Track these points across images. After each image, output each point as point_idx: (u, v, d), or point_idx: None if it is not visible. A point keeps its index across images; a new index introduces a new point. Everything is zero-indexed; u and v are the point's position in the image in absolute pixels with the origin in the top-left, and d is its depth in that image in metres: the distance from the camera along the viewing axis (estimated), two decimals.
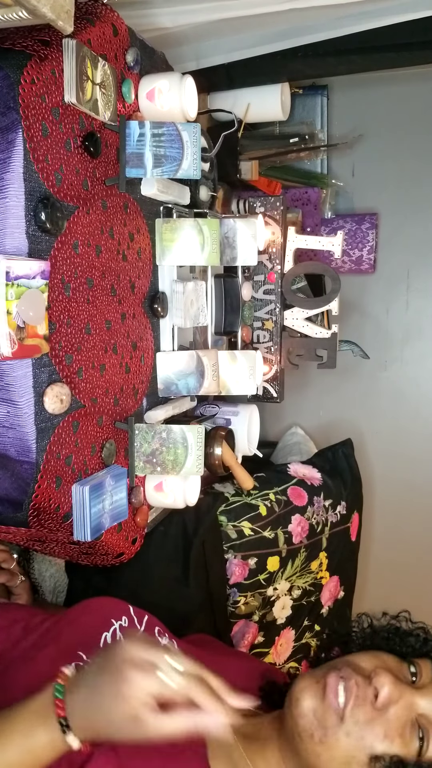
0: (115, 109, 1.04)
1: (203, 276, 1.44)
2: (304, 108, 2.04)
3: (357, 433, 2.07)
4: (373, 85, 2.06)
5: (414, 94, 2.05)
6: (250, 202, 1.72)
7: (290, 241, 1.69)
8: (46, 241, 0.91)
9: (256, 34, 1.41)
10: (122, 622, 0.88)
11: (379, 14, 1.32)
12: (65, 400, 0.95)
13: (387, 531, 2.22)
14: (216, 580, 1.41)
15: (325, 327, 1.73)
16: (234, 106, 1.70)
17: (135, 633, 0.80)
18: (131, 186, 1.15)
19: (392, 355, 2.21)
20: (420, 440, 2.21)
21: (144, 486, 1.23)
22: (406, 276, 2.16)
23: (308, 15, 1.30)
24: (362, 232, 2.12)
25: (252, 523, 1.49)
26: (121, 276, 1.13)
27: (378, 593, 2.10)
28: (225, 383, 1.44)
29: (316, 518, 1.62)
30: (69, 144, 0.95)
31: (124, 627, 0.88)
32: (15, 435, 0.91)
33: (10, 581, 1.15)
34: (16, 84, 0.83)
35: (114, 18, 1.04)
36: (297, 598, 1.59)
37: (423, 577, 2.17)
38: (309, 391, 2.25)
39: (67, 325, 0.97)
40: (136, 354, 1.19)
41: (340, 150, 2.08)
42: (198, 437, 1.15)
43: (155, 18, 1.23)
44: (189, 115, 1.17)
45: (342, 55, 1.51)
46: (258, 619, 1.52)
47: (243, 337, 1.65)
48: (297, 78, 1.86)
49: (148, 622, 0.92)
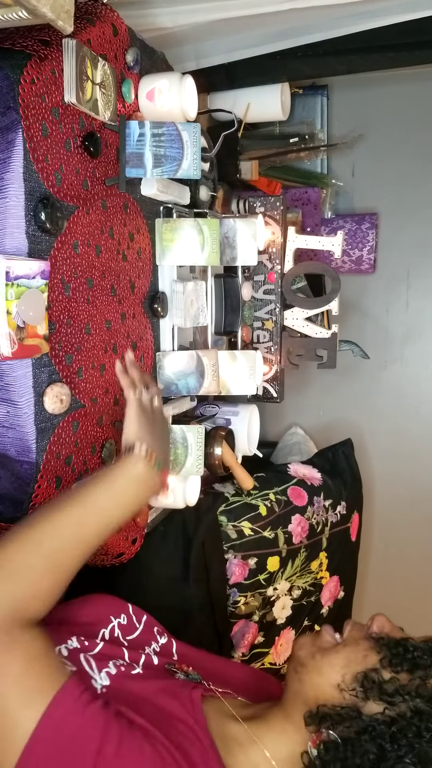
0: (115, 109, 1.04)
1: (203, 276, 1.44)
2: (304, 108, 2.04)
3: (357, 433, 2.07)
4: (373, 85, 2.06)
5: (414, 94, 2.05)
6: (250, 202, 1.72)
7: (290, 241, 1.69)
8: (46, 241, 0.91)
9: (256, 34, 1.41)
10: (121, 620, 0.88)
11: (379, 14, 1.32)
12: (65, 400, 0.95)
13: (387, 531, 2.22)
14: (216, 580, 1.41)
15: (325, 327, 1.73)
16: (234, 106, 1.70)
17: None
18: (131, 186, 1.15)
19: (392, 355, 2.21)
20: (420, 440, 2.21)
21: None
22: (406, 276, 2.16)
23: (308, 15, 1.30)
24: (362, 232, 2.12)
25: (252, 523, 1.49)
26: (121, 276, 1.13)
27: (378, 593, 2.10)
28: (225, 383, 1.44)
29: (316, 518, 1.62)
30: (69, 144, 0.95)
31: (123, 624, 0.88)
32: (15, 435, 0.91)
33: None
34: (16, 84, 0.83)
35: (114, 18, 1.04)
36: (297, 598, 1.59)
37: (423, 577, 2.17)
38: (309, 391, 2.25)
39: (67, 325, 0.97)
40: (136, 354, 1.19)
41: (340, 150, 2.09)
42: (198, 437, 1.15)
43: (155, 18, 1.23)
44: (189, 115, 1.17)
45: (342, 55, 1.51)
46: (258, 619, 1.52)
47: (243, 337, 1.65)
48: (297, 78, 1.86)
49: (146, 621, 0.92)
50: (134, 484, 0.86)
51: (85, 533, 0.79)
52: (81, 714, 0.65)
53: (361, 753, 0.66)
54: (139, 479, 0.87)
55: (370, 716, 0.68)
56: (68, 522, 0.78)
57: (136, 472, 0.87)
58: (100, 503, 0.82)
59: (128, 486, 0.86)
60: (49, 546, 0.75)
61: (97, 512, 0.81)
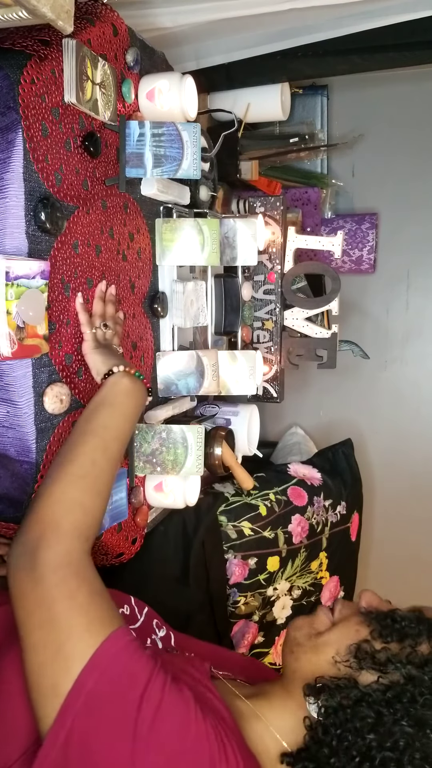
0: (115, 109, 1.04)
1: (203, 276, 1.44)
2: (304, 108, 2.04)
3: (357, 433, 2.07)
4: (373, 85, 2.06)
5: (414, 94, 2.05)
6: (250, 202, 1.72)
7: (290, 241, 1.69)
8: (46, 241, 0.91)
9: (256, 34, 1.41)
10: (124, 610, 0.89)
11: (379, 14, 1.32)
12: (65, 400, 0.95)
13: (387, 531, 2.22)
14: (216, 580, 1.41)
15: (325, 327, 1.73)
16: (234, 106, 1.70)
17: None
18: (131, 186, 1.15)
19: (392, 355, 2.21)
20: (420, 440, 2.21)
21: (144, 486, 1.23)
22: (406, 276, 2.16)
23: (308, 15, 1.30)
24: (362, 232, 2.12)
25: (252, 523, 1.49)
26: (121, 276, 1.13)
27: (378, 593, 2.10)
28: (225, 383, 1.44)
29: (316, 518, 1.62)
30: (69, 144, 0.95)
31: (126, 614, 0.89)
32: (15, 435, 0.91)
33: None
34: (16, 84, 0.83)
35: (114, 18, 1.04)
36: (297, 598, 1.59)
37: (423, 577, 2.17)
38: (309, 391, 2.25)
39: (67, 325, 0.97)
40: (136, 354, 1.19)
41: (340, 150, 2.09)
42: (198, 437, 1.15)
43: (155, 18, 1.23)
44: (189, 115, 1.17)
45: (342, 55, 1.51)
46: (258, 619, 1.52)
47: (243, 337, 1.65)
48: (297, 78, 1.86)
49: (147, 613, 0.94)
50: (130, 396, 0.94)
51: (113, 454, 0.87)
52: (131, 655, 0.68)
53: (360, 717, 0.68)
54: (129, 391, 0.94)
55: (365, 685, 0.71)
56: (95, 451, 0.84)
57: (125, 386, 0.94)
58: (112, 425, 0.88)
59: (127, 400, 0.93)
60: (90, 476, 0.82)
61: (114, 432, 0.88)
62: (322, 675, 0.74)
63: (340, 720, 0.69)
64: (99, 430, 0.87)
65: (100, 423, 0.88)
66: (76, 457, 0.83)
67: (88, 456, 0.83)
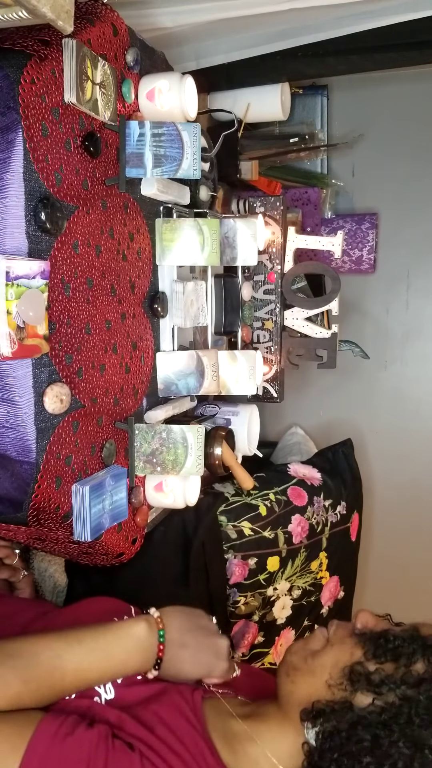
0: (115, 109, 1.04)
1: (203, 276, 1.44)
2: (304, 108, 2.04)
3: (357, 433, 2.07)
4: (373, 85, 2.06)
5: (414, 94, 2.05)
6: (250, 202, 1.72)
7: (290, 241, 1.69)
8: (46, 241, 0.91)
9: (256, 34, 1.41)
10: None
11: (379, 14, 1.32)
12: (65, 400, 0.95)
13: (387, 531, 2.22)
14: (216, 580, 1.41)
15: (325, 327, 1.73)
16: (234, 106, 1.70)
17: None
18: (131, 186, 1.15)
19: (392, 355, 2.21)
20: (420, 440, 2.21)
21: (144, 486, 1.23)
22: (406, 276, 2.16)
23: (308, 15, 1.30)
24: (362, 232, 2.12)
25: (252, 523, 1.49)
26: (121, 276, 1.13)
27: (378, 593, 2.10)
28: (225, 383, 1.44)
29: (316, 518, 1.62)
30: (69, 144, 0.95)
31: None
32: (15, 435, 0.91)
33: (13, 577, 1.16)
34: (16, 84, 0.83)
35: (114, 18, 1.04)
36: (297, 598, 1.59)
37: (423, 577, 2.17)
38: (309, 391, 2.25)
39: (67, 325, 0.97)
40: (136, 354, 1.19)
41: (340, 150, 2.09)
42: (198, 437, 1.15)
43: (155, 18, 1.23)
44: (189, 115, 1.17)
45: (342, 55, 1.51)
46: (258, 619, 1.52)
47: (243, 337, 1.65)
48: (297, 78, 1.86)
49: None
50: (135, 652, 0.82)
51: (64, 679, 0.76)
52: (61, 745, 0.66)
53: (356, 741, 0.68)
54: (136, 639, 0.82)
55: (361, 707, 0.70)
56: (53, 665, 0.76)
57: (136, 631, 0.83)
58: (87, 666, 0.78)
59: (119, 641, 0.81)
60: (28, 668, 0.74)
61: (83, 674, 0.77)
62: (319, 699, 0.73)
63: (336, 744, 0.69)
64: (72, 658, 0.77)
65: (81, 655, 0.77)
66: (32, 657, 0.74)
67: (44, 667, 0.74)
